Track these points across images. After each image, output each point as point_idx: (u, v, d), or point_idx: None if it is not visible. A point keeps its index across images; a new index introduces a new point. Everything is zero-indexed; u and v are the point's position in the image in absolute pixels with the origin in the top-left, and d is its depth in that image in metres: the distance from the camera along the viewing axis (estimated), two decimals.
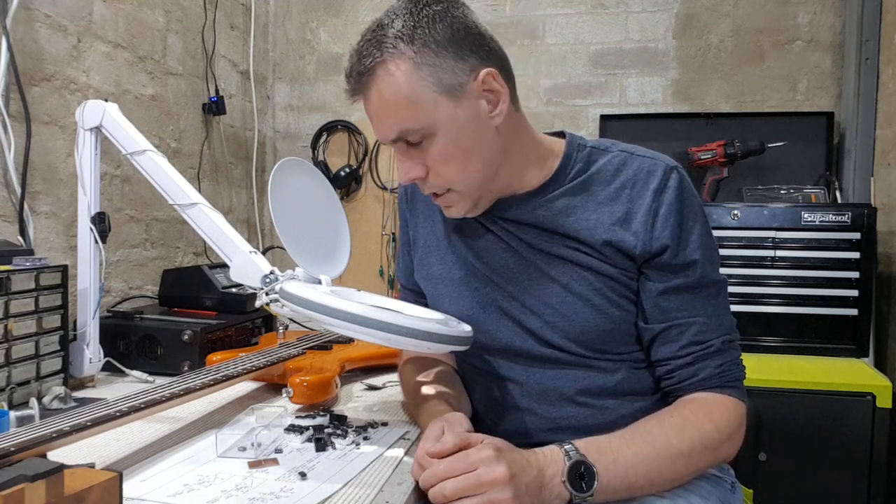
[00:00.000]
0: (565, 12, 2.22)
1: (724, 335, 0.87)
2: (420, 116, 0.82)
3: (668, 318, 0.87)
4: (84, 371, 1.20)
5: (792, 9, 2.08)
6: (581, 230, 0.89)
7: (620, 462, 0.78)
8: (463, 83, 0.82)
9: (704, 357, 0.86)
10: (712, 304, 0.88)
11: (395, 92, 0.82)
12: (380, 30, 0.82)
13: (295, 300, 0.86)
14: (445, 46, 0.81)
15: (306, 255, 1.00)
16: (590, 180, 0.91)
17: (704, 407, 0.85)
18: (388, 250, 2.26)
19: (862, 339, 1.64)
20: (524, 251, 0.92)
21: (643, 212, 0.87)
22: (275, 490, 0.77)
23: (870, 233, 1.62)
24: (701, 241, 0.87)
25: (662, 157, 0.90)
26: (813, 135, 1.99)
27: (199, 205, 1.10)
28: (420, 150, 0.85)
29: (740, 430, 0.86)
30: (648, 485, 0.80)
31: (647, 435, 0.81)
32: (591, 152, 0.93)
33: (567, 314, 0.89)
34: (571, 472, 0.75)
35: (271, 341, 1.31)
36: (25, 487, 0.53)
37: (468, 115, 0.83)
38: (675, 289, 0.87)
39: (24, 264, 1.07)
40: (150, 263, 1.71)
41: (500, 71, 0.85)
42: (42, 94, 1.35)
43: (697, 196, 0.90)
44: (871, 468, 1.45)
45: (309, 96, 2.41)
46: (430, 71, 0.81)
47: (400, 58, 0.81)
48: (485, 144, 0.85)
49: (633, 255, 0.87)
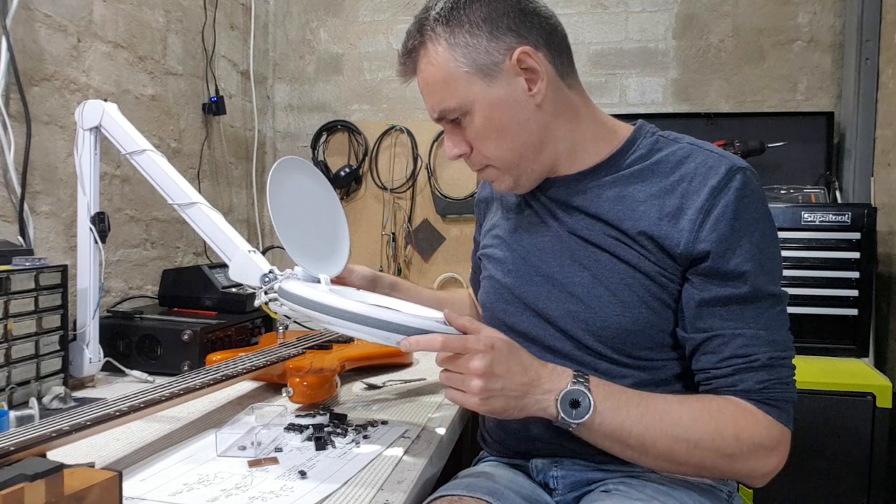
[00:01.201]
0: (565, 12, 2.21)
1: (775, 352, 0.80)
2: (455, 96, 0.85)
3: (712, 329, 0.81)
4: (84, 371, 1.20)
5: (792, 9, 2.08)
6: (625, 220, 0.85)
7: (620, 414, 0.78)
8: (498, 62, 0.83)
9: (747, 370, 0.80)
10: (764, 318, 0.81)
11: (432, 73, 0.85)
12: (424, 12, 0.87)
13: (294, 299, 0.86)
14: (480, 26, 0.83)
15: (305, 254, 1.00)
16: (648, 169, 0.87)
17: (734, 412, 0.79)
18: (389, 250, 2.27)
19: (862, 339, 1.64)
20: (562, 233, 0.91)
21: (695, 209, 0.81)
22: (275, 489, 0.77)
23: (870, 233, 1.62)
24: (755, 251, 0.80)
25: (732, 157, 0.84)
26: (813, 135, 1.99)
27: (199, 204, 1.11)
28: (461, 128, 0.88)
29: (770, 452, 0.79)
30: (640, 451, 0.79)
31: (662, 405, 0.79)
32: (657, 140, 0.90)
33: (591, 305, 0.86)
34: (566, 396, 0.77)
35: (271, 341, 1.31)
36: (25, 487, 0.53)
37: (503, 94, 0.84)
38: (721, 300, 0.81)
39: (24, 264, 1.07)
40: (149, 263, 1.71)
41: (543, 49, 0.85)
42: (42, 94, 1.35)
43: (764, 203, 0.83)
44: (871, 468, 1.45)
45: (309, 96, 2.41)
46: (464, 52, 0.83)
47: (436, 40, 0.84)
48: (522, 122, 0.86)
49: (675, 255, 0.82)
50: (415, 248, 2.25)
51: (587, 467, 0.91)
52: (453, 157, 0.91)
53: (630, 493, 0.82)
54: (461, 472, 0.97)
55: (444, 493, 0.86)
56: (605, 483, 0.88)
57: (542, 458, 0.94)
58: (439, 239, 2.25)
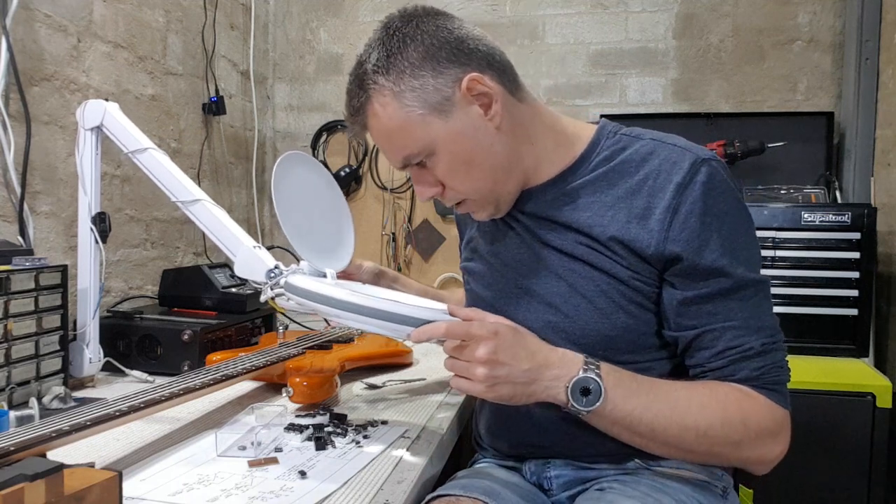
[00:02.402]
0: (565, 12, 2.21)
1: (766, 338, 0.81)
2: (416, 140, 0.83)
3: (702, 325, 0.81)
4: (84, 371, 1.20)
5: (792, 9, 2.08)
6: (595, 226, 0.85)
7: (631, 402, 0.78)
8: (448, 96, 0.82)
9: (742, 360, 0.80)
10: (750, 306, 0.81)
11: (386, 125, 0.84)
12: (359, 67, 0.84)
13: (301, 293, 0.86)
14: (421, 66, 0.81)
15: (310, 248, 0.99)
16: (613, 171, 0.86)
17: (738, 397, 0.80)
18: (389, 250, 2.27)
19: (862, 339, 1.64)
20: (536, 246, 0.90)
21: (662, 208, 0.81)
22: (274, 489, 0.77)
23: (870, 233, 1.62)
24: (727, 243, 0.80)
25: (695, 148, 0.83)
26: (813, 135, 1.99)
27: (202, 201, 1.10)
28: (428, 169, 0.86)
29: (775, 437, 0.80)
30: (650, 437, 0.79)
31: (671, 393, 0.80)
32: (619, 139, 0.88)
33: (569, 314, 0.86)
34: (577, 384, 0.77)
35: (271, 341, 1.31)
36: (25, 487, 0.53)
37: (461, 126, 0.83)
38: (703, 297, 0.81)
39: (24, 264, 1.07)
40: (150, 263, 1.71)
41: (488, 71, 0.83)
42: (42, 94, 1.35)
43: (733, 192, 0.82)
44: (871, 468, 1.45)
45: (309, 96, 2.41)
46: (413, 95, 0.81)
47: (381, 92, 0.82)
48: (487, 148, 0.84)
49: (646, 256, 0.82)
50: (415, 248, 2.25)
51: (579, 467, 0.91)
52: (427, 199, 0.90)
53: (625, 491, 0.82)
54: (458, 472, 0.97)
55: (441, 493, 0.86)
56: (599, 482, 0.88)
57: (535, 460, 0.94)
58: (439, 239, 2.25)
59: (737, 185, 0.83)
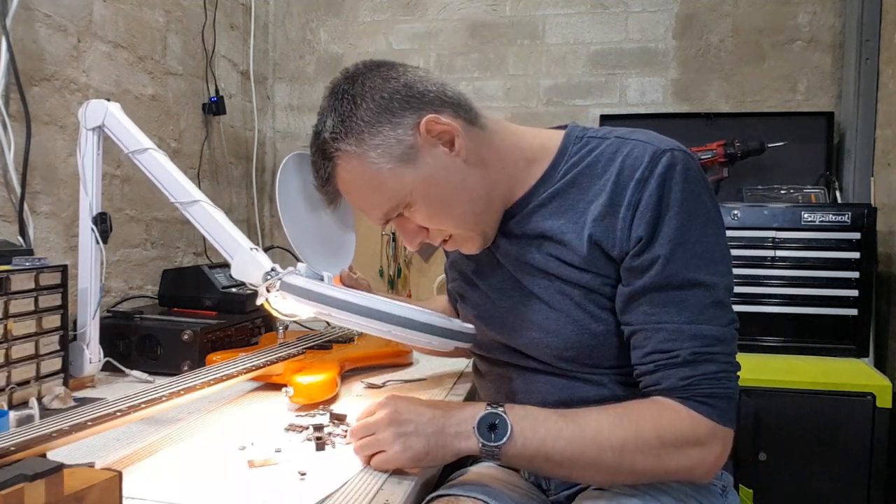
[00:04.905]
0: (565, 12, 2.22)
1: (700, 347, 0.76)
2: (392, 195, 0.83)
3: (635, 322, 0.80)
4: (84, 371, 1.20)
5: (792, 9, 2.08)
6: (567, 233, 0.83)
7: (540, 430, 0.77)
8: (411, 143, 0.81)
9: (668, 366, 0.77)
10: (688, 310, 0.77)
11: (357, 188, 0.85)
12: (317, 138, 0.86)
13: (299, 292, 0.87)
14: (377, 122, 0.81)
15: (311, 250, 0.99)
16: (582, 174, 0.84)
17: (654, 411, 0.77)
18: (388, 251, 2.26)
19: (862, 339, 1.64)
20: (512, 266, 0.90)
21: (624, 206, 0.79)
22: (274, 489, 0.77)
23: (870, 233, 1.62)
24: (674, 233, 0.77)
25: (657, 140, 0.81)
26: (813, 135, 1.99)
27: (201, 202, 1.10)
28: (409, 218, 0.86)
29: (701, 448, 0.76)
30: (570, 465, 0.78)
31: (582, 418, 0.78)
32: (587, 142, 0.86)
33: (550, 330, 0.85)
34: (483, 421, 0.78)
35: (271, 341, 1.31)
36: (25, 487, 0.53)
37: (432, 169, 0.82)
38: (639, 290, 0.79)
39: (24, 264, 1.07)
40: (150, 263, 1.71)
41: (443, 109, 0.82)
42: (42, 94, 1.35)
43: (694, 183, 0.79)
44: (871, 468, 1.45)
45: (309, 96, 2.41)
46: (377, 153, 0.81)
47: (345, 157, 0.83)
48: (462, 184, 0.84)
49: (613, 257, 0.81)
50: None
51: None
52: (416, 247, 0.90)
53: (624, 490, 0.82)
54: (457, 472, 0.97)
55: (441, 493, 0.86)
56: None
57: None
58: None
59: (703, 178, 0.80)
